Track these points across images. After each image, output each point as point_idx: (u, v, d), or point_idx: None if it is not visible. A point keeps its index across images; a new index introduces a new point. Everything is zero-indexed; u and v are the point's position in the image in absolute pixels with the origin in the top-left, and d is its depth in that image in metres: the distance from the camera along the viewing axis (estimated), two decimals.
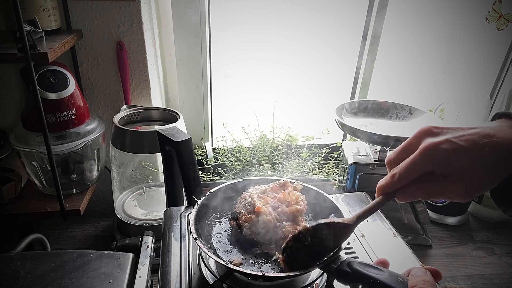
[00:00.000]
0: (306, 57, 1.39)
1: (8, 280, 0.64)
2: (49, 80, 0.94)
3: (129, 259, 0.70)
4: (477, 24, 1.38)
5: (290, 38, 1.35)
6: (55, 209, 0.97)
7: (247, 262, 0.63)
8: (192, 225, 0.63)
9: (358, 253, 0.71)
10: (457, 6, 1.37)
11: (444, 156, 0.46)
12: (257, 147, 1.37)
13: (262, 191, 0.70)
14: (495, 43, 1.42)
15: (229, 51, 1.34)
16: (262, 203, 0.66)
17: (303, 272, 0.57)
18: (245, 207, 0.67)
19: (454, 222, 1.28)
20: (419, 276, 0.48)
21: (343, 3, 1.32)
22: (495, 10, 1.34)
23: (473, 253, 1.17)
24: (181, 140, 0.81)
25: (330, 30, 1.35)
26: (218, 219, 0.73)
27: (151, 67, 1.16)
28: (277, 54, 1.37)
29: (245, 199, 0.69)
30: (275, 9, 1.30)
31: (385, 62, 1.41)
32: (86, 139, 1.00)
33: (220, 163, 1.34)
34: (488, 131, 0.46)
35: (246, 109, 1.41)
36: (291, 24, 1.33)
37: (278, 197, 0.67)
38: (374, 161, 1.10)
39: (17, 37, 0.76)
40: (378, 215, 0.83)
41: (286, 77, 1.41)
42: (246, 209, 0.66)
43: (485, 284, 1.05)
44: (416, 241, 1.15)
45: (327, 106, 1.42)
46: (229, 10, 1.27)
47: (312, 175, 1.35)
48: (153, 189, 1.24)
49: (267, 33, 1.33)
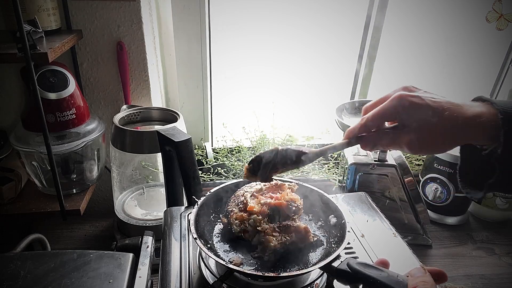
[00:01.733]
0: (306, 57, 1.39)
1: (8, 280, 0.64)
2: (49, 80, 0.94)
3: (129, 259, 0.70)
4: (477, 24, 1.38)
5: (290, 38, 1.35)
6: (55, 209, 0.97)
7: (247, 262, 0.62)
8: (192, 225, 0.63)
9: (358, 253, 0.71)
10: (457, 6, 1.37)
11: (410, 107, 0.51)
12: (257, 147, 1.37)
13: (257, 190, 0.70)
14: (495, 43, 1.42)
15: (229, 51, 1.34)
16: (255, 202, 0.66)
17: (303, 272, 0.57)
18: (237, 205, 0.67)
19: (454, 222, 1.28)
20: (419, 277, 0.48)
21: (343, 3, 1.32)
22: (495, 10, 1.34)
23: (473, 253, 1.17)
24: (181, 140, 0.81)
25: (330, 30, 1.35)
26: (218, 219, 0.73)
27: (151, 67, 1.16)
28: (277, 54, 1.37)
29: (238, 198, 0.69)
30: (275, 9, 1.30)
31: (385, 62, 1.41)
32: (86, 139, 1.00)
33: (220, 163, 1.34)
34: (458, 102, 0.50)
35: (246, 109, 1.41)
36: (291, 24, 1.32)
37: (275, 197, 0.67)
38: (374, 161, 1.09)
39: (17, 37, 0.76)
40: (378, 215, 0.83)
41: (286, 77, 1.41)
42: (238, 207, 0.67)
43: (485, 284, 1.05)
44: (416, 241, 1.15)
45: (327, 106, 1.42)
46: (229, 10, 1.27)
47: (312, 175, 1.35)
48: (153, 189, 1.24)
49: (267, 33, 1.33)
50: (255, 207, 0.65)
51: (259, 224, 0.62)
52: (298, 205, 0.66)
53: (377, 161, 1.09)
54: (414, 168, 1.43)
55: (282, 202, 0.66)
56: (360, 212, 0.84)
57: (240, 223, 0.64)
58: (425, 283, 0.47)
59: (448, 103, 0.50)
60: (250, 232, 0.63)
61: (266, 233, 0.61)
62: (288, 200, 0.66)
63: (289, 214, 0.65)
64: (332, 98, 1.45)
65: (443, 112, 0.49)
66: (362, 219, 0.81)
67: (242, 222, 0.64)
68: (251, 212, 0.64)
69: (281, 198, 0.67)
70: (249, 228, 0.63)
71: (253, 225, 0.63)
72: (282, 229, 0.62)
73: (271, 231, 0.62)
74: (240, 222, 0.64)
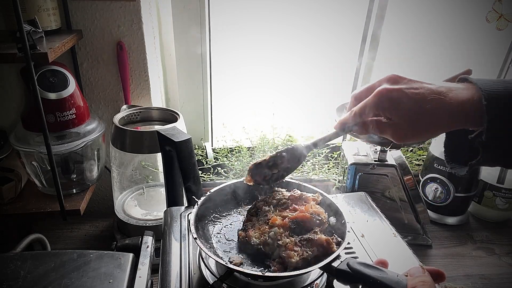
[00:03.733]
0: (306, 57, 1.39)
1: (8, 280, 0.64)
2: (49, 80, 0.94)
3: (129, 259, 0.70)
4: (477, 24, 1.38)
5: (290, 38, 1.35)
6: (55, 209, 0.97)
7: (247, 262, 0.62)
8: (192, 225, 0.63)
9: (358, 253, 0.71)
10: (457, 6, 1.37)
11: (389, 103, 0.51)
12: (257, 147, 1.37)
13: (280, 202, 0.68)
14: (495, 43, 1.42)
15: (229, 51, 1.34)
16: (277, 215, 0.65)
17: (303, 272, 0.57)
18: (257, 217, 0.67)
19: (454, 222, 1.28)
20: (418, 277, 0.49)
21: (343, 3, 1.32)
22: (495, 10, 1.34)
23: (473, 253, 1.17)
24: (181, 140, 0.81)
25: (330, 30, 1.35)
26: (218, 219, 0.73)
27: (151, 67, 1.16)
28: (277, 54, 1.37)
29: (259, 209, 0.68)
30: (275, 9, 1.30)
31: (385, 62, 1.41)
32: (86, 139, 1.00)
33: (220, 163, 1.34)
34: (443, 89, 0.49)
35: (246, 109, 1.41)
36: (291, 24, 1.32)
37: (299, 209, 0.65)
38: (374, 161, 1.09)
39: (17, 37, 0.76)
40: (378, 215, 0.83)
41: (286, 77, 1.41)
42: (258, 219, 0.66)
43: (485, 284, 1.05)
44: (416, 241, 1.15)
45: (327, 106, 1.42)
46: (229, 10, 1.27)
47: (312, 175, 1.35)
48: (153, 189, 1.24)
49: (267, 33, 1.33)
50: (277, 220, 0.63)
51: (280, 238, 0.60)
52: (322, 218, 0.64)
53: (377, 161, 1.09)
54: (414, 168, 1.43)
55: (306, 215, 0.63)
56: (360, 212, 0.84)
57: (260, 235, 0.62)
58: (424, 283, 0.47)
59: (431, 93, 0.49)
60: (270, 246, 0.61)
61: (287, 248, 0.59)
62: (312, 212, 0.64)
63: (313, 228, 0.62)
64: (332, 98, 1.44)
65: (425, 105, 0.49)
66: (362, 219, 0.81)
67: (262, 234, 0.62)
68: (272, 224, 0.63)
69: (305, 210, 0.65)
70: (269, 241, 0.61)
71: (273, 238, 0.61)
72: (303, 243, 0.60)
73: (293, 245, 0.59)
74: (260, 234, 0.62)
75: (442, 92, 0.49)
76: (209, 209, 0.72)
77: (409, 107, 0.50)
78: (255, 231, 0.64)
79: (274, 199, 0.69)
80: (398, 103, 0.50)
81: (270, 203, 0.69)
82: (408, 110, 0.50)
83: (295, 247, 0.59)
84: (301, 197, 0.69)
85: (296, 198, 0.69)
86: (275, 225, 0.63)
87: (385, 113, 0.53)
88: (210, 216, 0.72)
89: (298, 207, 0.66)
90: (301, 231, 0.62)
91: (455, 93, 0.48)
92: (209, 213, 0.72)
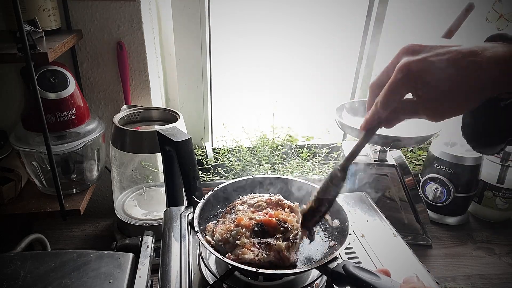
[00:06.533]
0: (306, 57, 1.39)
1: (8, 280, 0.64)
2: (49, 80, 0.94)
3: (129, 259, 0.70)
4: (477, 24, 1.38)
5: (290, 38, 1.35)
6: (55, 209, 0.97)
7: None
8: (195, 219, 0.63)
9: (358, 253, 0.71)
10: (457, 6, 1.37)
11: (417, 77, 0.44)
12: (257, 147, 1.37)
13: (257, 204, 0.68)
14: None
15: (229, 51, 1.34)
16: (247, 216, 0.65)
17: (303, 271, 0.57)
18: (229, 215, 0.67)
19: (454, 222, 1.28)
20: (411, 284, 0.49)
21: (343, 3, 1.32)
22: (495, 10, 1.34)
23: (473, 253, 1.17)
24: (181, 140, 0.81)
25: (330, 30, 1.35)
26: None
27: (151, 67, 1.16)
28: (277, 54, 1.37)
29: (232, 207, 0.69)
30: (275, 9, 1.30)
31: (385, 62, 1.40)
32: (86, 139, 1.00)
33: (220, 163, 1.34)
34: (476, 49, 0.42)
35: (246, 109, 1.41)
36: (291, 24, 1.33)
37: (269, 213, 0.65)
38: (374, 161, 1.10)
39: (17, 37, 0.76)
40: (378, 215, 0.83)
41: (286, 77, 1.41)
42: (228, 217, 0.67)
43: (485, 284, 1.05)
44: (416, 241, 1.15)
45: (327, 106, 1.42)
46: (229, 10, 1.27)
47: (312, 175, 1.35)
48: (153, 189, 1.24)
49: (267, 33, 1.33)
50: (243, 220, 0.63)
51: (239, 237, 0.61)
52: (289, 226, 0.62)
53: (377, 161, 1.10)
54: (414, 168, 1.43)
55: (272, 220, 0.63)
56: (360, 212, 0.84)
57: (224, 232, 0.63)
58: None
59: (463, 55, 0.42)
60: (230, 244, 0.61)
61: (244, 247, 0.59)
62: (279, 219, 0.63)
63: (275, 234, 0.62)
64: (332, 98, 1.45)
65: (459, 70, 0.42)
66: (362, 219, 0.81)
67: (226, 232, 0.62)
68: (237, 224, 0.63)
69: (274, 216, 0.64)
70: (230, 239, 0.61)
71: (234, 236, 0.61)
72: (261, 246, 0.60)
73: (250, 246, 0.59)
74: (225, 231, 0.63)
75: (476, 52, 0.42)
76: (209, 209, 0.72)
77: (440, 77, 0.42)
78: (222, 228, 0.64)
79: (252, 199, 0.69)
80: (427, 73, 0.43)
81: (246, 203, 0.69)
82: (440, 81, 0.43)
83: (253, 247, 0.59)
84: (278, 203, 0.68)
85: (273, 203, 0.68)
86: (240, 225, 0.63)
87: (415, 91, 0.45)
88: (210, 215, 0.72)
89: (271, 211, 0.66)
90: (264, 235, 0.62)
91: (493, 51, 0.41)
92: (209, 213, 0.72)
